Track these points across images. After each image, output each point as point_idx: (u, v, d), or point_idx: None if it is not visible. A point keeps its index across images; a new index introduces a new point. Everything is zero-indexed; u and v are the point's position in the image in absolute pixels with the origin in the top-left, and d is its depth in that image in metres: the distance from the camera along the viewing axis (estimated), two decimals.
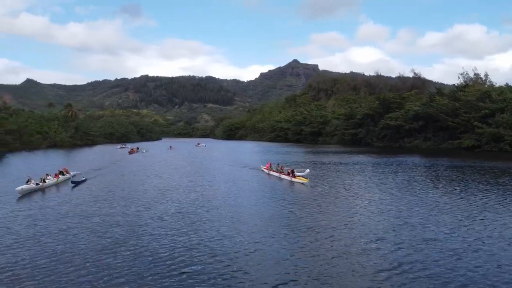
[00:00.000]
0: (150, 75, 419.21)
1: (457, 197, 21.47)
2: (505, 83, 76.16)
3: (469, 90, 71.84)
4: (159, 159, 54.47)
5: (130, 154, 63.95)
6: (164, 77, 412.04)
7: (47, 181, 26.60)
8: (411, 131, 78.55)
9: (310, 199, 21.32)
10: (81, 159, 56.79)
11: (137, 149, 73.11)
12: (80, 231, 14.79)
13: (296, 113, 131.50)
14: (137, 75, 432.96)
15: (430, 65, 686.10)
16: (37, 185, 24.81)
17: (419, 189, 24.16)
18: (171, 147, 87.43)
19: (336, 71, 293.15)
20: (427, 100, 78.58)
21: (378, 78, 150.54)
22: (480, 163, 40.57)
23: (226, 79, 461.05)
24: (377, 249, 12.31)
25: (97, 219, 16.76)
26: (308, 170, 31.25)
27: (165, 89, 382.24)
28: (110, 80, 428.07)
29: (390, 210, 18.13)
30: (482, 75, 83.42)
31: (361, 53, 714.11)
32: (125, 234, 14.34)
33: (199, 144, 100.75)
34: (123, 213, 17.98)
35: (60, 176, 29.36)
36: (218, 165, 43.60)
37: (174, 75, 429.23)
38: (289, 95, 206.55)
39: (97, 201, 21.12)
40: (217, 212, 18.13)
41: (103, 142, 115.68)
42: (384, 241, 13.17)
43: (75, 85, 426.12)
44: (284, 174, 30.56)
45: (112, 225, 15.65)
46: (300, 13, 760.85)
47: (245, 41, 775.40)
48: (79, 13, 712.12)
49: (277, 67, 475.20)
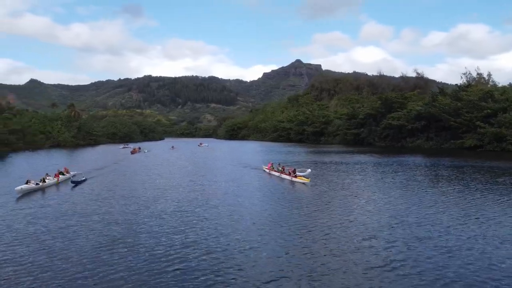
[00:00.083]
0: (153, 75, 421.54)
1: (455, 196, 21.52)
2: (508, 83, 76.00)
3: (472, 90, 71.63)
4: (161, 159, 54.70)
5: (132, 154, 64.20)
6: (167, 77, 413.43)
7: (47, 181, 26.54)
8: (413, 131, 78.41)
9: (310, 199, 21.41)
10: (84, 159, 57.12)
11: (139, 149, 73.36)
12: (79, 229, 14.99)
13: (298, 113, 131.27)
14: (140, 75, 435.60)
15: (434, 65, 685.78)
16: (37, 185, 24.73)
17: (418, 189, 24.21)
18: (173, 147, 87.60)
19: (339, 71, 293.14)
20: (429, 100, 78.37)
21: (381, 78, 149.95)
22: (481, 163, 40.51)
23: (229, 79, 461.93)
24: (370, 247, 12.42)
25: (96, 217, 16.95)
26: (309, 170, 31.10)
27: (168, 89, 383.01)
28: (113, 80, 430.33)
29: (387, 210, 18.22)
30: (485, 75, 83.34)
31: (364, 53, 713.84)
32: (123, 232, 14.52)
33: (201, 144, 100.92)
34: (122, 211, 18.17)
35: (60, 176, 29.30)
36: (219, 165, 43.74)
37: (177, 75, 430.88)
38: (291, 95, 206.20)
39: (96, 200, 21.32)
40: (215, 211, 18.27)
41: (106, 142, 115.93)
42: (379, 239, 13.29)
43: (79, 85, 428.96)
44: (285, 174, 30.49)
45: (110, 223, 15.83)
46: (300, 13, 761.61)
47: (248, 41, 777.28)
48: (80, 13, 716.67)
49: (280, 67, 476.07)
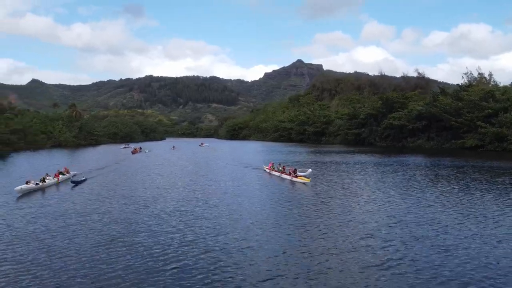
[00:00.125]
0: (155, 75, 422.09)
1: (454, 196, 21.54)
2: (509, 82, 75.93)
3: (473, 89, 71.57)
4: (162, 159, 54.79)
5: (133, 154, 64.29)
6: (169, 77, 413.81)
7: (47, 181, 26.45)
8: (414, 131, 78.36)
9: (310, 199, 21.42)
10: (85, 158, 57.25)
11: (140, 149, 73.44)
12: (78, 228, 15.06)
13: (299, 113, 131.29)
14: (142, 75, 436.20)
15: (435, 65, 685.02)
16: (36, 185, 24.66)
17: (417, 189, 24.22)
18: (174, 147, 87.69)
19: (341, 71, 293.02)
20: (430, 100, 78.22)
21: (382, 78, 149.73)
22: (482, 162, 40.47)
23: (230, 79, 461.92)
24: (368, 246, 12.46)
25: (95, 217, 17.02)
26: (310, 170, 30.99)
27: (170, 89, 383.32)
28: (114, 80, 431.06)
29: (386, 209, 18.26)
30: (486, 74, 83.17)
31: (366, 52, 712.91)
32: (122, 231, 14.59)
33: (202, 144, 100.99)
34: (121, 211, 18.24)
35: (60, 176, 29.22)
36: (220, 165, 43.76)
37: (178, 75, 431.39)
38: (292, 95, 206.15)
39: (96, 199, 21.39)
40: (214, 210, 18.32)
41: (107, 142, 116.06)
42: (376, 238, 13.33)
43: (80, 85, 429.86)
44: (285, 174, 30.41)
45: (110, 222, 15.90)
46: (301, 13, 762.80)
47: (249, 41, 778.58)
48: (81, 13, 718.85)
49: (281, 67, 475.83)
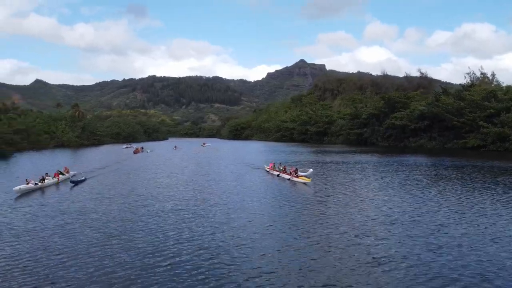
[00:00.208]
0: (158, 75, 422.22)
1: (451, 195, 21.59)
2: None
3: (475, 89, 71.42)
4: (163, 159, 54.99)
5: (134, 153, 64.56)
6: (171, 77, 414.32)
7: (46, 180, 26.42)
8: (416, 130, 78.23)
9: (309, 199, 21.47)
10: (87, 158, 57.59)
11: (141, 148, 73.76)
12: (76, 226, 15.24)
13: (301, 113, 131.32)
14: (145, 75, 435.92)
15: (439, 64, 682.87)
16: (36, 185, 24.59)
17: (417, 188, 24.26)
18: (176, 147, 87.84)
19: (344, 71, 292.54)
20: (432, 99, 78.13)
21: (384, 77, 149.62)
22: (483, 162, 40.42)
23: (233, 79, 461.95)
24: (362, 244, 12.56)
25: (93, 215, 17.20)
26: (311, 170, 30.87)
27: (172, 89, 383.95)
28: (118, 80, 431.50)
29: (384, 208, 18.33)
30: (489, 74, 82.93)
31: (369, 52, 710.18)
32: (119, 229, 14.76)
33: (204, 144, 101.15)
34: (120, 209, 18.40)
35: (60, 176, 29.14)
36: (221, 165, 43.84)
37: (181, 75, 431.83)
38: (295, 95, 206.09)
39: (95, 198, 21.56)
40: (213, 209, 18.44)
41: (110, 142, 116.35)
42: (371, 236, 13.43)
43: (83, 85, 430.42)
44: (286, 174, 30.38)
45: (108, 221, 16.07)
46: (304, 13, 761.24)
47: (251, 41, 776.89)
48: (85, 13, 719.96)
49: (284, 67, 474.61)
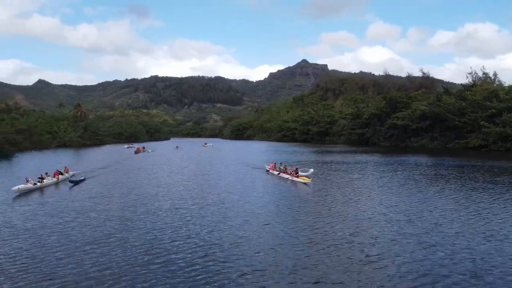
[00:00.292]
0: (160, 75, 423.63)
1: (449, 194, 21.63)
2: None
3: (476, 89, 71.30)
4: (164, 159, 55.15)
5: (136, 153, 64.75)
6: (174, 77, 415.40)
7: (45, 180, 26.37)
8: (418, 130, 78.16)
9: (309, 198, 21.47)
10: (88, 158, 57.84)
11: (143, 148, 74.03)
12: (74, 225, 15.38)
13: (303, 113, 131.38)
14: (147, 76, 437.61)
15: (441, 64, 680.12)
16: (34, 184, 24.52)
17: (415, 188, 24.30)
18: (177, 147, 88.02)
19: (346, 71, 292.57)
20: (434, 99, 78.08)
21: (386, 77, 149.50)
22: (483, 162, 40.35)
23: (235, 79, 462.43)
24: (357, 242, 12.63)
25: (92, 214, 17.33)
26: (312, 170, 30.78)
27: (175, 89, 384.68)
28: (120, 80, 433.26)
29: (381, 208, 18.39)
30: (491, 74, 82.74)
31: (371, 52, 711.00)
32: (117, 227, 14.90)
33: (206, 144, 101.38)
34: (118, 209, 18.53)
35: (60, 175, 29.11)
36: (222, 165, 43.87)
37: (183, 76, 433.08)
38: (297, 95, 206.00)
39: (94, 198, 21.67)
40: (211, 208, 18.52)
41: (112, 142, 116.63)
42: (365, 235, 13.49)
43: (86, 85, 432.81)
44: (287, 174, 30.32)
45: (106, 219, 16.20)
46: (306, 12, 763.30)
47: (254, 41, 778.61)
48: (87, 14, 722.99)
49: (286, 67, 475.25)
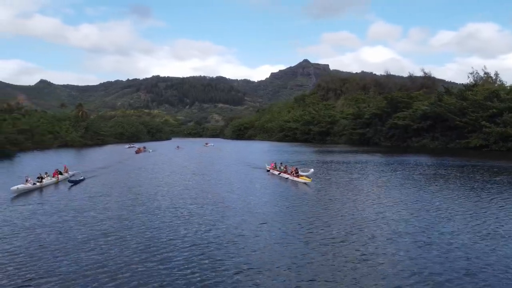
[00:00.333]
0: (161, 75, 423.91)
1: (447, 194, 21.65)
2: None
3: (477, 89, 71.24)
4: (165, 158, 55.30)
5: (136, 153, 64.90)
6: (175, 77, 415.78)
7: (45, 180, 26.26)
8: (419, 130, 78.11)
9: (307, 198, 21.45)
10: (89, 158, 58.06)
11: (144, 148, 74.23)
12: (72, 224, 15.47)
13: (304, 113, 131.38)
14: (149, 76, 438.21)
15: (443, 64, 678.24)
16: (34, 184, 24.44)
17: (413, 188, 24.33)
18: (178, 146, 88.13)
19: (348, 71, 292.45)
20: (435, 99, 78.06)
21: (387, 77, 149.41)
22: (483, 162, 40.35)
23: (237, 79, 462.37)
24: (351, 241, 12.69)
25: (90, 213, 17.42)
26: (312, 170, 30.65)
27: (176, 89, 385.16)
28: (122, 80, 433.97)
29: (378, 207, 18.42)
30: (492, 74, 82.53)
31: (373, 52, 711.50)
32: (115, 226, 14.99)
33: (207, 144, 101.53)
34: (117, 208, 18.61)
35: (59, 175, 29.04)
36: (222, 164, 43.96)
37: (185, 76, 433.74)
38: (298, 95, 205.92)
39: (93, 197, 21.74)
40: (209, 207, 18.58)
41: (113, 141, 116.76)
42: (361, 234, 13.53)
43: (88, 85, 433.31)
44: (287, 174, 30.27)
45: (104, 218, 16.29)
46: (308, 12, 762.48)
47: (255, 41, 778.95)
48: (89, 14, 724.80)
49: (287, 67, 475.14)
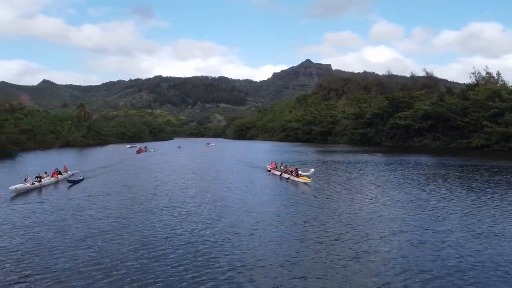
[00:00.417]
0: (164, 75, 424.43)
1: (445, 193, 21.68)
2: None
3: (479, 89, 71.11)
4: (166, 158, 55.44)
5: (137, 153, 65.04)
6: (178, 77, 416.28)
7: (44, 180, 26.23)
8: (420, 130, 78.00)
9: (305, 198, 21.48)
10: (91, 158, 58.29)
11: (145, 148, 74.42)
12: (70, 222, 15.62)
13: (306, 112, 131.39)
14: (151, 76, 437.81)
15: (446, 64, 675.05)
16: (32, 184, 24.36)
17: (412, 187, 24.36)
18: (179, 146, 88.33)
19: (350, 71, 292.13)
20: (436, 99, 77.91)
21: (389, 77, 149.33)
22: (484, 162, 40.30)
23: (239, 79, 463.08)
24: (345, 240, 12.77)
25: (88, 212, 17.56)
26: (312, 170, 30.61)
27: (179, 89, 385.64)
28: (124, 80, 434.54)
29: (375, 207, 18.46)
30: (494, 74, 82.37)
31: (375, 52, 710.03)
32: (113, 224, 15.12)
33: (208, 144, 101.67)
34: (115, 207, 18.73)
35: (59, 175, 29.05)
36: (223, 164, 44.08)
37: (187, 76, 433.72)
38: (300, 95, 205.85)
39: (92, 196, 21.86)
40: (207, 206, 18.65)
41: (115, 141, 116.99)
42: (356, 233, 13.59)
43: (90, 85, 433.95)
44: (287, 173, 30.20)
45: (102, 217, 16.41)
46: (310, 12, 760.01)
47: (258, 41, 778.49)
48: (91, 14, 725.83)
49: (289, 67, 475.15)
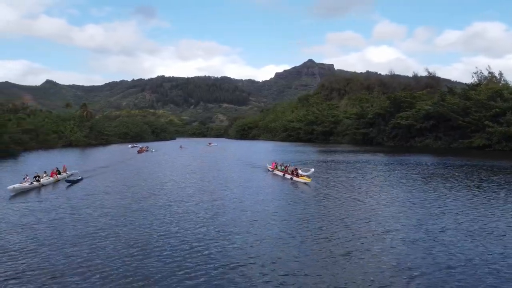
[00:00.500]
0: (166, 75, 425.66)
1: (443, 193, 21.72)
2: None
3: (481, 89, 70.91)
4: (167, 158, 55.61)
5: (139, 153, 65.25)
6: (180, 77, 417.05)
7: (42, 179, 26.16)
8: (422, 130, 77.90)
9: (304, 198, 21.53)
10: (92, 158, 58.57)
11: (146, 148, 74.62)
12: (67, 220, 15.79)
13: (308, 112, 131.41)
14: (154, 76, 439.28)
15: (449, 64, 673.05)
16: (31, 184, 24.37)
17: (410, 187, 24.43)
18: (181, 146, 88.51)
19: (352, 71, 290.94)
20: (438, 99, 77.75)
21: (392, 77, 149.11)
22: (484, 162, 40.23)
23: (241, 79, 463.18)
24: (339, 238, 12.84)
25: (86, 210, 17.72)
26: (312, 170, 30.50)
27: (181, 89, 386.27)
28: (127, 80, 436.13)
29: (372, 206, 18.54)
30: (497, 73, 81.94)
31: (378, 52, 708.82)
32: (110, 223, 15.26)
33: (210, 144, 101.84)
34: (113, 206, 18.87)
35: (58, 175, 28.88)
36: (223, 164, 44.19)
37: (189, 76, 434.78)
38: (302, 95, 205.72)
39: (91, 195, 22.01)
40: (206, 206, 18.75)
41: (117, 141, 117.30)
42: (349, 232, 13.65)
43: (93, 85, 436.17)
44: (288, 173, 30.25)
45: (99, 216, 16.57)
46: (313, 12, 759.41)
47: (260, 41, 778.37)
48: (94, 14, 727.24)
49: (292, 67, 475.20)
